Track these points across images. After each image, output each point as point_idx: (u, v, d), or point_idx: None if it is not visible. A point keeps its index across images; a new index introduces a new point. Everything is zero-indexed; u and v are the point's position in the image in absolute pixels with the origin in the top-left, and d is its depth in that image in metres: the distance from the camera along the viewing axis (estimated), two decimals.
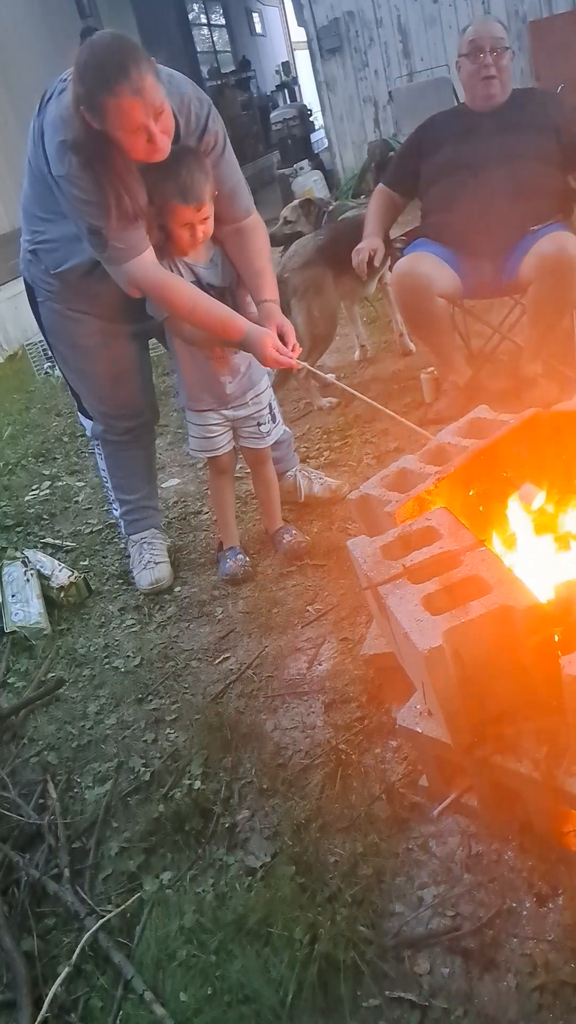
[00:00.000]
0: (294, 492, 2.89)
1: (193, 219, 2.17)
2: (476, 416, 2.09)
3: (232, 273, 2.37)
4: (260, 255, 2.34)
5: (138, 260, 2.13)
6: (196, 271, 2.31)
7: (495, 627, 1.41)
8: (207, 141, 2.18)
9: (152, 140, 1.96)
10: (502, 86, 2.99)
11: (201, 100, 2.16)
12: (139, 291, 2.20)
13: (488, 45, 2.93)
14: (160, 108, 1.93)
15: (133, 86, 1.86)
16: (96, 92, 1.88)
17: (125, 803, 1.89)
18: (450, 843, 1.55)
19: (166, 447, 3.86)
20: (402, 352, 4.19)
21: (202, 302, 2.20)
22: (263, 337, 2.19)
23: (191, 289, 2.21)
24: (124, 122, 1.91)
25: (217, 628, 2.43)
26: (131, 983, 1.47)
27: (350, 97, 9.67)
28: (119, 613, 2.65)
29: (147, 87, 1.89)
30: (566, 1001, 1.26)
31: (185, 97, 2.10)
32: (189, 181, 2.11)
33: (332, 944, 1.39)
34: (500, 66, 2.96)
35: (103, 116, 1.91)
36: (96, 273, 2.26)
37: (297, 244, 3.87)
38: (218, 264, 2.35)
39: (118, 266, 2.14)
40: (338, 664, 2.12)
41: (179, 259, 2.28)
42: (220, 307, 2.22)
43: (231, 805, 1.79)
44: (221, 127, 2.22)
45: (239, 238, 2.33)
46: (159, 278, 2.18)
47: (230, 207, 2.29)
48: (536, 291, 2.91)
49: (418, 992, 1.34)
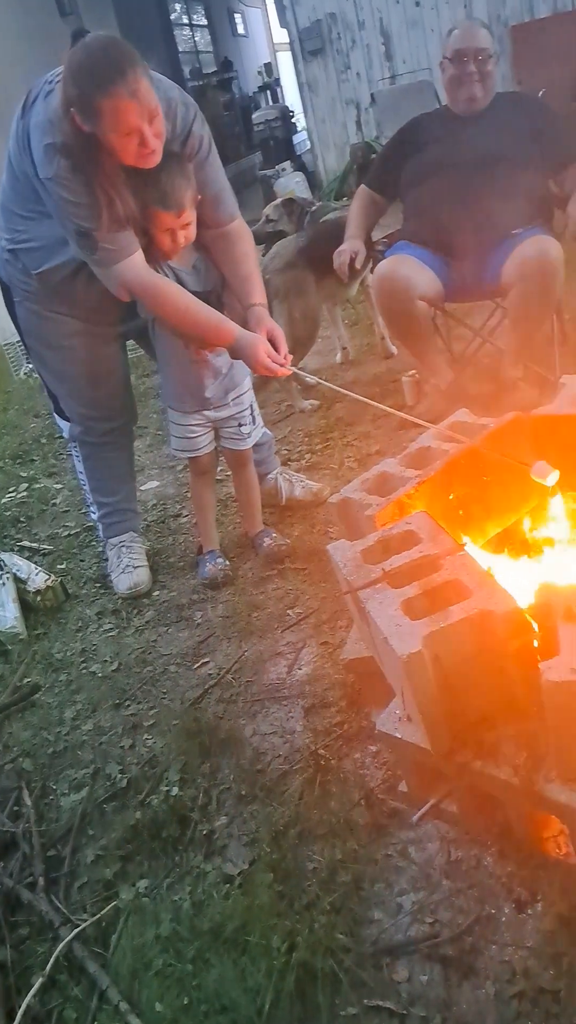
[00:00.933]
0: (275, 495, 2.88)
1: (173, 225, 2.16)
2: (457, 419, 2.09)
3: (216, 278, 2.35)
4: (246, 260, 2.33)
5: (128, 262, 2.11)
6: (179, 276, 2.29)
7: (475, 632, 1.40)
8: (191, 144, 2.17)
9: (144, 143, 1.94)
10: (485, 92, 2.99)
11: (188, 105, 2.15)
12: (129, 294, 2.18)
13: (473, 54, 2.93)
14: (155, 111, 1.92)
15: (129, 88, 1.85)
16: (90, 94, 1.86)
17: (101, 810, 1.87)
18: (429, 849, 1.54)
19: (145, 449, 3.83)
20: (384, 355, 4.19)
21: (193, 306, 2.19)
22: (255, 343, 2.17)
23: (183, 293, 2.20)
24: (118, 124, 1.89)
25: (196, 632, 2.41)
26: (106, 993, 1.45)
27: (332, 99, 9.67)
28: (96, 617, 2.63)
29: (143, 90, 1.88)
30: (545, 1008, 1.25)
31: (172, 102, 2.09)
32: (170, 187, 2.09)
33: (310, 952, 1.38)
34: (484, 72, 2.96)
35: (97, 118, 1.89)
36: (80, 275, 2.24)
37: (278, 246, 3.86)
38: (201, 270, 2.33)
39: (108, 268, 2.12)
40: (318, 668, 2.10)
41: (163, 263, 2.27)
42: (211, 312, 2.21)
43: (209, 812, 1.77)
44: (207, 132, 2.21)
45: (224, 243, 2.32)
46: (150, 281, 2.17)
47: (214, 212, 2.28)
48: (517, 295, 2.91)
49: (396, 1000, 1.32)
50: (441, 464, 1.87)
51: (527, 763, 1.39)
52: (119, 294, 2.18)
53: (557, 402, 2.00)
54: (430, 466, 1.88)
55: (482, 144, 2.96)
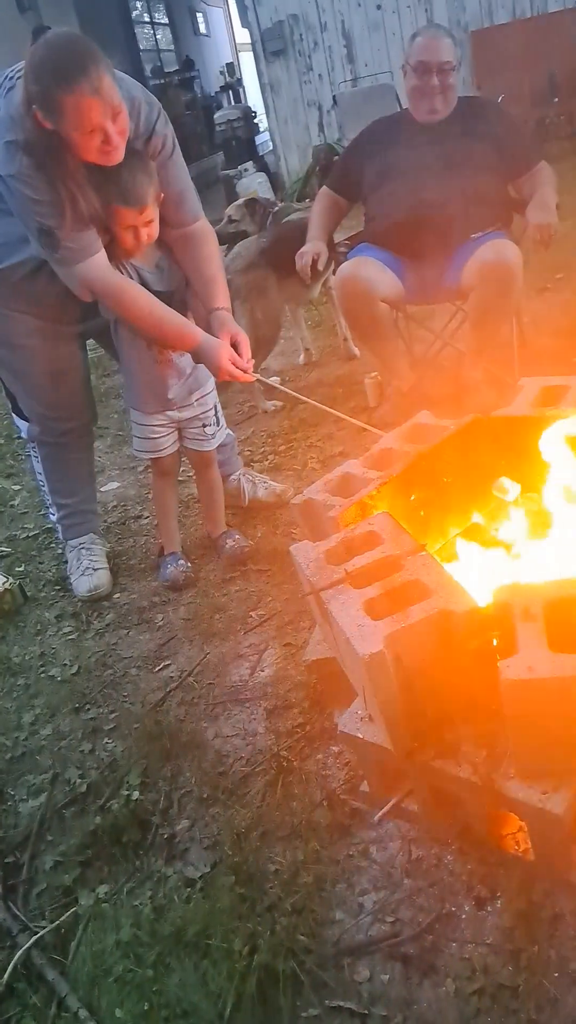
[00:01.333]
0: (238, 496, 2.87)
1: (136, 222, 2.14)
2: (417, 421, 2.10)
3: (179, 278, 2.34)
4: (210, 261, 2.32)
5: (91, 261, 2.10)
6: (142, 275, 2.27)
7: (435, 631, 1.41)
8: (155, 144, 2.16)
9: (107, 141, 1.92)
10: (445, 103, 3.01)
11: (151, 104, 2.13)
12: (91, 293, 2.16)
13: (436, 67, 2.94)
14: (118, 108, 1.90)
15: (92, 85, 1.83)
16: (53, 91, 1.83)
17: (60, 816, 1.84)
18: (391, 848, 1.55)
19: (106, 450, 3.80)
20: (346, 357, 4.21)
21: (157, 309, 2.18)
22: (218, 349, 2.17)
23: (146, 295, 2.18)
24: (81, 122, 1.87)
25: (157, 635, 2.40)
26: (65, 1001, 1.43)
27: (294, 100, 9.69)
28: (56, 620, 2.60)
29: (105, 86, 1.86)
30: (504, 1004, 1.26)
31: (136, 100, 2.07)
32: (131, 183, 2.07)
33: (272, 954, 1.38)
34: (446, 84, 2.97)
35: (59, 115, 1.86)
36: (40, 273, 2.21)
37: (240, 246, 3.85)
38: (164, 269, 2.32)
39: (70, 267, 2.10)
40: (281, 670, 2.10)
41: (126, 262, 2.25)
42: (175, 316, 2.20)
43: (170, 815, 1.76)
44: (170, 131, 2.20)
45: (187, 244, 2.30)
46: (114, 281, 2.15)
47: (177, 211, 2.26)
48: (477, 298, 2.94)
49: (358, 1000, 1.33)
50: (403, 465, 1.88)
51: (487, 761, 1.40)
52: (81, 294, 2.16)
53: (516, 404, 2.02)
54: (392, 467, 1.89)
55: (442, 149, 2.99)
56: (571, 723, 1.31)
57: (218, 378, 2.27)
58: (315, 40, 9.33)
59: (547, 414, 1.91)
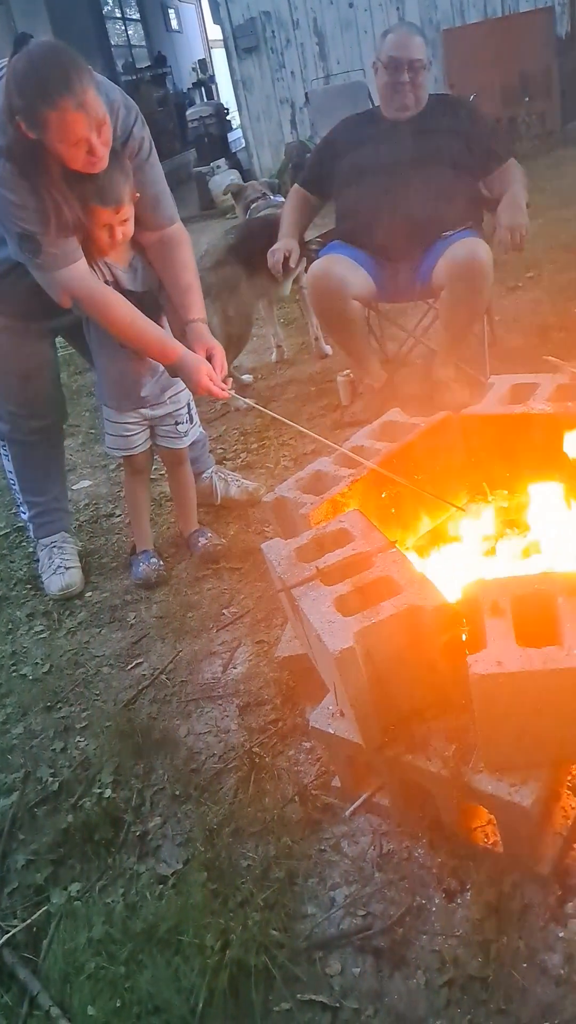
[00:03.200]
0: (210, 494, 2.87)
1: (112, 220, 2.13)
2: (388, 419, 2.11)
3: (153, 278, 2.33)
4: (186, 269, 2.31)
5: (72, 268, 2.09)
6: (115, 273, 2.27)
7: (405, 627, 1.43)
8: (131, 147, 2.15)
9: (93, 152, 1.93)
10: (416, 100, 3.03)
11: (129, 107, 2.13)
12: (71, 299, 2.15)
13: (407, 64, 2.96)
14: (102, 121, 1.90)
15: (76, 100, 1.83)
16: (38, 106, 1.83)
17: (32, 814, 1.84)
18: (362, 843, 1.56)
19: (77, 448, 3.78)
20: (318, 356, 4.22)
21: (139, 321, 2.18)
22: (198, 365, 2.18)
23: (127, 305, 2.18)
24: (66, 135, 1.87)
25: (130, 633, 2.39)
26: (37, 999, 1.43)
27: (267, 97, 9.69)
28: (27, 619, 2.58)
29: (89, 100, 1.85)
30: (474, 996, 1.28)
31: (114, 103, 2.06)
32: (108, 182, 2.06)
33: (244, 949, 1.38)
34: (417, 82, 2.99)
35: (43, 129, 1.86)
36: (10, 273, 2.19)
37: (208, 244, 3.85)
38: (138, 269, 2.31)
39: (50, 273, 2.09)
40: (253, 667, 2.11)
41: (102, 261, 2.24)
42: (155, 328, 2.21)
43: (142, 813, 1.76)
44: (147, 134, 2.20)
45: (164, 248, 2.30)
46: (96, 289, 2.15)
47: (154, 213, 2.26)
48: (448, 296, 2.96)
49: (329, 994, 1.34)
50: (374, 463, 1.89)
51: (456, 755, 1.42)
52: (61, 300, 2.15)
53: (486, 402, 2.04)
54: (363, 465, 1.90)
55: (413, 147, 3.00)
56: (539, 717, 1.33)
57: (196, 393, 2.27)
58: (287, 37, 9.33)
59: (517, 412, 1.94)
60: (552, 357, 2.11)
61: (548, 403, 1.92)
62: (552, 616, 1.38)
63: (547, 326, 3.71)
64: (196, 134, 11.52)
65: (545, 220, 5.10)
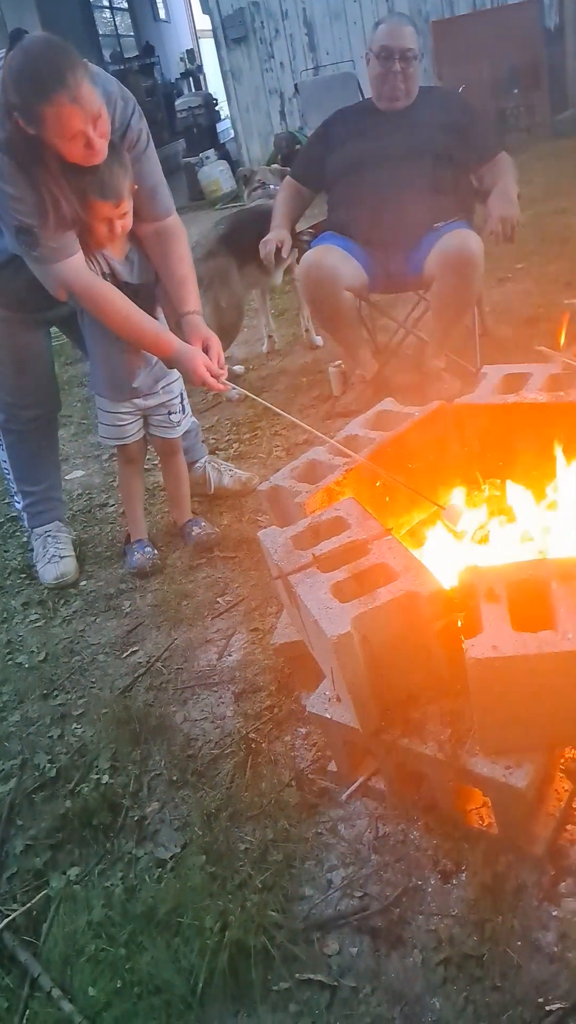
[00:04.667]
0: (204, 484, 2.88)
1: (112, 215, 2.13)
2: (382, 409, 2.13)
3: (149, 271, 2.34)
4: (182, 262, 2.32)
5: (70, 262, 2.10)
6: (112, 266, 2.27)
7: (401, 612, 1.44)
8: (129, 139, 2.15)
9: (90, 145, 1.93)
10: (407, 91, 3.04)
11: (126, 99, 2.13)
12: (67, 293, 2.15)
13: (399, 53, 2.97)
14: (97, 114, 1.91)
15: (71, 94, 1.83)
16: (33, 102, 1.84)
17: (30, 800, 1.85)
18: (358, 826, 1.58)
19: (70, 438, 3.78)
20: (309, 347, 4.22)
21: (134, 315, 2.18)
22: (194, 358, 2.18)
23: (123, 299, 2.18)
24: (62, 130, 1.88)
25: (125, 622, 2.40)
26: (38, 981, 1.44)
27: (256, 88, 9.66)
28: (22, 608, 2.59)
29: (84, 94, 1.86)
30: (469, 973, 1.30)
31: (111, 96, 2.06)
32: (108, 177, 2.07)
33: (242, 931, 1.40)
34: (407, 73, 3.01)
35: (40, 124, 1.87)
36: (10, 266, 2.19)
37: (200, 235, 3.85)
38: (134, 261, 2.31)
39: (48, 266, 2.10)
40: (248, 654, 2.12)
41: (99, 252, 2.24)
42: (151, 322, 2.21)
43: (140, 798, 1.78)
44: (144, 126, 2.20)
45: (160, 240, 2.30)
46: (92, 283, 2.15)
47: (150, 205, 2.26)
48: (439, 287, 2.97)
49: (327, 973, 1.36)
50: (367, 452, 1.91)
51: (452, 739, 1.44)
52: (57, 293, 2.15)
53: (478, 392, 2.06)
54: (357, 454, 1.92)
55: (404, 139, 3.01)
56: (534, 700, 1.36)
57: (193, 384, 2.27)
58: (276, 28, 9.31)
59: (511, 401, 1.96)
60: (543, 347, 2.13)
61: (541, 392, 1.94)
62: (546, 601, 1.41)
63: (537, 317, 3.74)
64: (185, 124, 11.48)
65: (535, 211, 5.13)
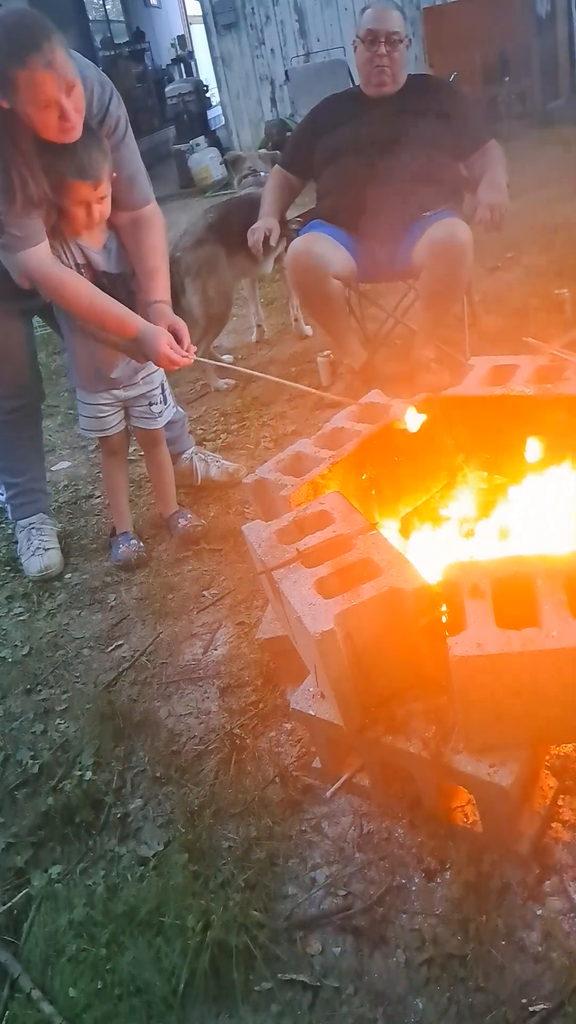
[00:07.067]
0: (190, 475, 2.85)
1: (90, 197, 2.10)
2: (369, 400, 2.11)
3: (126, 260, 2.31)
4: (155, 252, 2.29)
5: (34, 251, 2.07)
6: (89, 255, 2.24)
7: (385, 609, 1.43)
8: (108, 125, 2.13)
9: (64, 116, 1.90)
10: (394, 77, 3.01)
11: (104, 84, 2.11)
12: (31, 282, 2.13)
13: (384, 37, 2.94)
14: (72, 83, 1.89)
15: (45, 59, 1.82)
16: (6, 66, 1.82)
17: (12, 797, 1.83)
18: (342, 823, 1.57)
19: (56, 428, 3.75)
20: (298, 336, 4.20)
21: (98, 299, 2.16)
22: (158, 336, 2.16)
23: (86, 285, 2.16)
24: (36, 96, 1.85)
25: (110, 615, 2.38)
26: (18, 982, 1.43)
27: (246, 74, 9.58)
28: (6, 601, 2.56)
29: (59, 60, 1.84)
30: (453, 973, 1.29)
31: (88, 80, 2.03)
32: (87, 158, 2.04)
33: (225, 930, 1.38)
34: (393, 58, 2.97)
35: (13, 91, 1.85)
36: None
37: (188, 223, 3.82)
38: (112, 250, 2.28)
39: (12, 254, 2.08)
40: (234, 649, 2.10)
41: (73, 242, 2.21)
42: (115, 305, 2.19)
43: (123, 795, 1.76)
44: (123, 112, 2.18)
45: (136, 230, 2.27)
46: (55, 272, 2.13)
47: (128, 193, 2.24)
48: (428, 276, 2.95)
49: (310, 973, 1.35)
50: (354, 444, 1.89)
51: (436, 736, 1.42)
52: (20, 281, 2.15)
53: (466, 383, 2.04)
54: (343, 447, 1.90)
55: (393, 126, 2.98)
56: (518, 698, 1.34)
57: (158, 364, 2.25)
58: (267, 14, 9.22)
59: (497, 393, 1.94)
60: (532, 339, 2.11)
61: (528, 385, 1.92)
62: (531, 598, 1.39)
63: (527, 307, 3.71)
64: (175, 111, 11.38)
65: (525, 200, 5.09)
